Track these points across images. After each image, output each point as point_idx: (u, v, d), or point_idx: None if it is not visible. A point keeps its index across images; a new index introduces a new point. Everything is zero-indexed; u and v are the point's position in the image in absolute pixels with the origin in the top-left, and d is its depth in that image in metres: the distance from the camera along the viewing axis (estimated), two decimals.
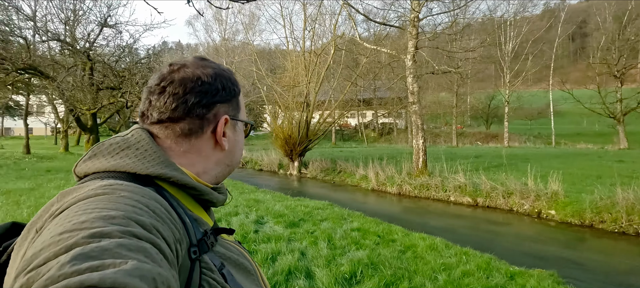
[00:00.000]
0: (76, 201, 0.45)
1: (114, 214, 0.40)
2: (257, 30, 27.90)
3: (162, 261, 0.38)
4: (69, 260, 0.32)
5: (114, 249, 0.34)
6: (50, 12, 12.34)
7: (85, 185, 0.50)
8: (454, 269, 3.79)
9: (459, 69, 14.70)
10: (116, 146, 0.59)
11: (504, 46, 27.02)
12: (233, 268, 0.59)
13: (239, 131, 0.70)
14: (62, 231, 0.37)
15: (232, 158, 0.69)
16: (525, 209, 7.96)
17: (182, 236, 0.50)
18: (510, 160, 14.01)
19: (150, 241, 0.39)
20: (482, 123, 41.38)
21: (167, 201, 0.54)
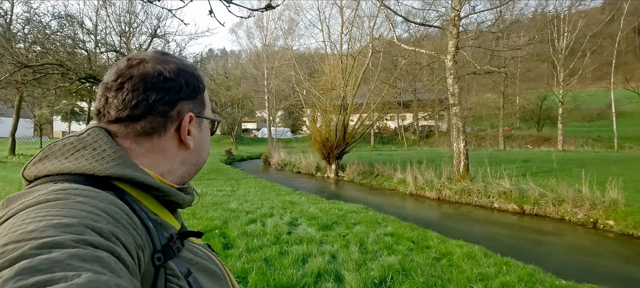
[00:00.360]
0: (24, 208, 0.41)
1: (68, 221, 0.37)
2: (296, 35, 28.44)
3: (121, 270, 0.36)
4: (13, 275, 0.29)
5: (66, 261, 0.32)
6: (108, 25, 13.49)
7: (36, 190, 0.46)
8: (492, 280, 3.59)
9: (504, 68, 13.91)
10: (71, 146, 0.55)
11: (557, 42, 25.14)
12: (201, 273, 0.57)
13: (205, 129, 0.68)
14: (6, 242, 0.33)
15: (198, 156, 0.66)
16: (578, 218, 7.34)
17: (145, 242, 0.48)
18: (564, 165, 13.00)
19: (108, 249, 0.37)
20: (533, 125, 38.74)
21: (129, 205, 0.51)
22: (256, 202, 7.23)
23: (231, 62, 64.01)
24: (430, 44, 16.42)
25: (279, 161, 19.69)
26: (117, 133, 0.58)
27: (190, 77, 0.63)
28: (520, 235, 6.75)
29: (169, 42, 10.83)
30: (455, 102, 10.60)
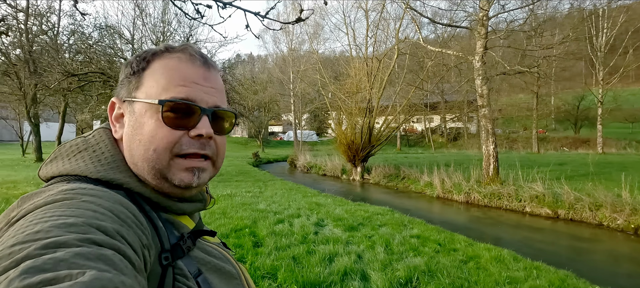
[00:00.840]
0: (34, 208, 0.42)
1: (73, 221, 0.38)
2: (322, 39, 28.73)
3: (126, 268, 0.36)
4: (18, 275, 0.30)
5: (70, 259, 0.32)
6: (144, 35, 14.27)
7: (47, 189, 0.48)
8: (521, 283, 3.54)
9: (536, 68, 13.41)
10: (75, 147, 0.56)
11: (595, 39, 23.86)
12: (212, 273, 0.55)
13: (140, 115, 0.55)
14: (13, 243, 0.34)
15: (140, 145, 0.54)
16: (618, 224, 6.99)
17: (150, 242, 0.47)
18: (603, 168, 12.34)
19: (113, 247, 0.37)
20: (570, 126, 36.86)
21: (138, 205, 0.52)
22: (283, 203, 7.41)
23: (258, 66, 65.36)
24: (457, 44, 16.12)
25: (305, 164, 19.92)
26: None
27: (131, 59, 0.60)
28: (553, 240, 6.52)
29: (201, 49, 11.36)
30: (484, 104, 10.37)
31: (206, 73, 0.59)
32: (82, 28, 14.17)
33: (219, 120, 0.60)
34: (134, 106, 0.56)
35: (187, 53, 0.58)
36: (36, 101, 14.48)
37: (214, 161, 0.60)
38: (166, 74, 0.56)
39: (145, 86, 0.56)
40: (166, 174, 0.54)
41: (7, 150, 25.12)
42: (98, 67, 9.38)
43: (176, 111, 0.54)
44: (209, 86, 0.59)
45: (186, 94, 0.55)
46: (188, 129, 0.55)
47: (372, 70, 14.56)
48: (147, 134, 0.54)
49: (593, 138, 27.23)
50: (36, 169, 12.00)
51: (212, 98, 0.58)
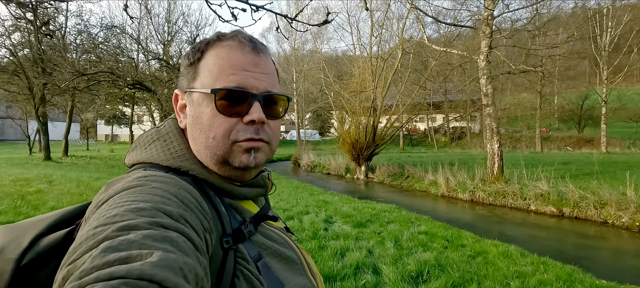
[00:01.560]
0: (114, 194, 0.48)
1: (143, 206, 0.42)
2: (325, 38, 28.78)
3: (189, 249, 0.39)
4: (99, 253, 0.34)
5: (140, 241, 0.36)
6: (150, 34, 14.44)
7: (127, 176, 0.54)
8: (529, 277, 3.63)
9: (540, 67, 13.45)
10: (150, 137, 0.62)
11: (599, 38, 23.81)
12: (272, 258, 0.57)
13: (198, 104, 0.59)
14: (96, 225, 0.40)
15: (202, 135, 0.58)
16: (623, 222, 7.05)
17: (212, 226, 0.50)
18: (607, 168, 12.38)
19: (177, 230, 0.40)
20: (573, 125, 36.76)
21: (203, 191, 0.56)
22: (291, 201, 7.52)
23: None
24: (461, 44, 16.16)
25: (309, 163, 20.02)
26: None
27: (189, 51, 0.63)
28: (559, 237, 6.60)
29: None
30: (488, 103, 10.43)
31: (256, 59, 0.60)
32: (89, 28, 14.34)
33: (271, 105, 0.61)
34: (193, 96, 0.60)
35: (237, 40, 0.60)
36: (45, 100, 14.66)
37: (270, 144, 0.62)
38: (218, 64, 0.59)
39: (201, 76, 0.59)
40: (227, 159, 0.58)
41: (14, 149, 25.38)
42: (107, 67, 9.52)
43: (228, 99, 0.57)
44: (259, 71, 0.60)
45: (237, 82, 0.57)
46: (241, 116, 0.57)
47: (376, 69, 14.64)
48: (206, 123, 0.57)
49: (597, 138, 27.20)
50: (45, 168, 12.17)
51: (263, 83, 0.59)
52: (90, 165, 14.86)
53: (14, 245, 0.52)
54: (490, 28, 10.39)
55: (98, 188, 7.94)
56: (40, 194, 6.69)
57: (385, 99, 15.46)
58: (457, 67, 15.31)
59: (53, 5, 8.92)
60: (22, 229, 0.55)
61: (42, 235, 0.54)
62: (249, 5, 1.60)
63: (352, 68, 17.15)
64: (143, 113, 29.57)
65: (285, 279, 0.56)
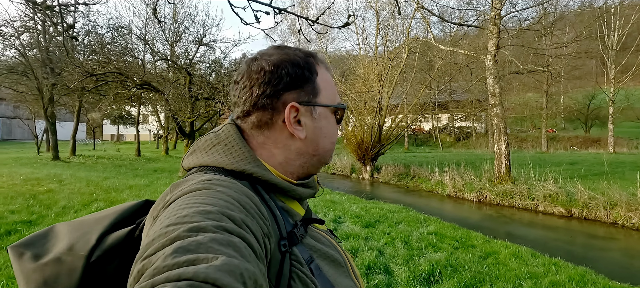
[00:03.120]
0: (182, 194, 0.50)
1: (210, 209, 0.44)
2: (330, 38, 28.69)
3: (250, 255, 0.40)
4: (171, 253, 0.36)
5: (208, 243, 0.38)
6: (156, 35, 14.53)
7: (190, 179, 0.55)
8: (542, 278, 3.62)
9: (549, 66, 13.37)
10: (209, 142, 0.64)
11: (607, 37, 23.60)
12: (322, 260, 0.59)
13: (322, 117, 0.66)
14: (168, 223, 0.42)
15: (315, 146, 0.65)
16: (633, 223, 7.00)
17: (271, 230, 0.52)
18: (616, 168, 12.28)
19: (240, 235, 0.42)
20: (580, 125, 36.48)
21: (260, 195, 0.57)
22: None
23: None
24: (467, 43, 16.10)
25: None
26: (243, 127, 0.65)
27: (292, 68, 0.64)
28: (568, 238, 6.56)
29: (214, 49, 11.53)
30: (496, 103, 10.39)
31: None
32: (96, 28, 14.46)
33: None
34: (317, 109, 0.66)
35: (324, 64, 0.70)
36: (53, 100, 14.80)
37: None
38: (330, 82, 0.69)
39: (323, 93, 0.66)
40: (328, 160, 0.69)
41: (22, 149, 25.65)
42: (116, 68, 9.61)
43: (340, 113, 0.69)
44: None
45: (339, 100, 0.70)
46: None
47: (382, 69, 14.62)
48: (330, 132, 0.67)
49: (604, 138, 26.97)
50: (54, 167, 12.29)
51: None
52: (98, 165, 14.99)
53: (83, 241, 0.56)
54: (498, 27, 10.34)
55: (107, 187, 8.02)
56: (52, 193, 6.77)
57: (391, 99, 15.43)
58: (463, 67, 15.24)
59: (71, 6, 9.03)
60: (88, 226, 0.59)
61: (106, 232, 0.58)
62: (272, 8, 1.62)
63: (357, 68, 17.13)
64: (149, 113, 29.76)
65: (335, 281, 0.58)
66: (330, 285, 0.56)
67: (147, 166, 15.23)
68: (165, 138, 24.53)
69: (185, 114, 10.32)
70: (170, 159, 20.24)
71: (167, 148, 24.09)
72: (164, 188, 8.45)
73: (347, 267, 0.63)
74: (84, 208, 5.74)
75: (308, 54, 0.68)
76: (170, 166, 15.31)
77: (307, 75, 0.65)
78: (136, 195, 7.40)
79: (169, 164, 16.43)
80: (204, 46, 10.93)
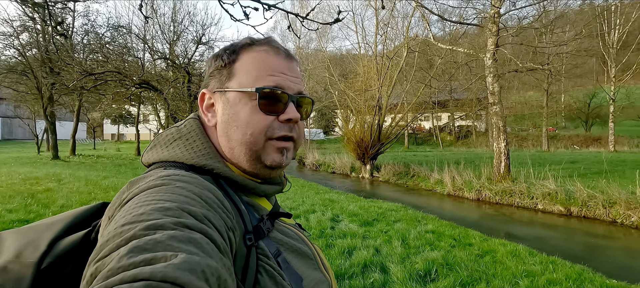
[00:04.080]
0: (139, 192, 0.48)
1: (169, 206, 0.43)
2: (330, 37, 28.71)
3: (213, 251, 0.39)
4: (126, 253, 0.34)
5: (166, 241, 0.36)
6: (156, 33, 14.51)
7: (150, 174, 0.54)
8: (538, 277, 3.61)
9: (549, 65, 13.35)
10: (170, 136, 0.63)
11: (607, 35, 23.55)
12: (290, 253, 0.59)
13: (234, 103, 0.61)
14: (124, 223, 0.40)
15: (227, 136, 0.61)
16: (632, 221, 6.98)
17: (235, 224, 0.51)
18: (616, 167, 12.25)
19: (201, 231, 0.41)
20: (580, 124, 36.43)
21: (223, 189, 0.57)
22: (297, 199, 7.54)
23: None
24: (467, 42, 16.06)
25: (314, 162, 20.03)
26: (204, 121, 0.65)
27: (220, 53, 0.65)
28: (567, 236, 6.55)
29: (213, 48, 11.50)
30: (495, 101, 10.36)
31: (290, 64, 0.65)
32: (95, 28, 14.46)
33: (300, 106, 0.66)
34: (228, 95, 0.62)
35: (270, 46, 0.64)
36: (53, 100, 14.81)
37: (296, 142, 0.65)
38: (256, 66, 0.62)
39: (238, 76, 0.62)
40: (260, 155, 0.60)
41: (22, 148, 25.69)
42: (115, 67, 9.61)
43: (268, 98, 0.60)
44: (292, 75, 0.64)
45: (276, 83, 0.61)
46: (278, 114, 0.61)
47: (382, 68, 14.60)
48: (243, 120, 0.60)
49: (604, 136, 26.91)
50: (53, 167, 12.30)
51: (296, 86, 0.64)
52: (98, 164, 15.00)
53: (31, 248, 0.52)
54: (497, 26, 10.31)
55: (106, 186, 8.02)
56: (50, 193, 6.78)
57: (391, 97, 15.41)
58: (463, 65, 15.22)
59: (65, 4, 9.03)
60: (37, 231, 0.56)
61: (58, 237, 0.55)
62: (261, 5, 1.61)
63: (357, 67, 17.12)
64: (149, 112, 29.78)
65: (303, 274, 0.57)
66: (298, 278, 0.55)
67: None
68: None
69: (184, 114, 10.32)
70: None
71: None
72: None
73: (316, 259, 0.63)
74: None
75: (244, 41, 0.65)
76: None
77: (226, 60, 0.64)
78: None
79: None
80: (203, 45, 10.93)
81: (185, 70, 10.19)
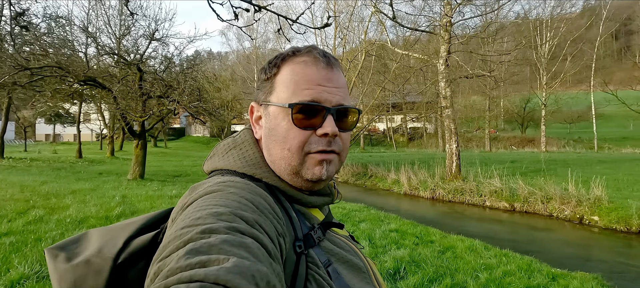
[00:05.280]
0: (197, 197, 0.51)
1: (222, 210, 0.44)
2: (288, 38, 28.48)
3: (263, 256, 0.40)
4: (184, 254, 0.37)
5: (219, 245, 0.38)
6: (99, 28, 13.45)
7: (208, 181, 0.58)
8: (495, 269, 3.90)
9: (493, 72, 14.48)
10: (226, 146, 0.67)
11: (540, 47, 26.11)
12: (341, 265, 0.58)
13: (273, 117, 0.62)
14: (183, 226, 0.43)
15: (268, 150, 0.63)
16: (565, 214, 7.78)
17: (286, 230, 0.52)
18: (549, 165, 13.58)
19: (252, 236, 0.42)
20: (517, 126, 39.96)
21: (275, 196, 0.58)
22: None
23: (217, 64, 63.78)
24: (420, 48, 16.89)
25: None
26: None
27: (265, 65, 0.67)
28: (514, 230, 7.14)
29: (167, 45, 10.91)
30: (447, 105, 11.00)
31: (329, 74, 0.62)
32: (30, 18, 13.03)
33: (343, 117, 0.63)
34: (269, 109, 0.63)
35: (311, 56, 0.63)
36: None
37: (340, 155, 0.63)
38: (293, 79, 0.61)
39: (277, 90, 0.62)
40: (299, 170, 0.60)
41: None
42: (55, 61, 8.73)
43: (304, 112, 0.59)
44: (332, 86, 0.62)
45: (311, 96, 0.60)
46: (315, 128, 0.60)
47: (341, 70, 14.84)
48: (281, 135, 0.60)
49: (537, 137, 29.75)
50: None
51: (335, 97, 0.61)
52: (32, 168, 13.55)
53: (110, 245, 0.57)
54: (449, 34, 10.97)
55: (46, 193, 7.28)
56: None
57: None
58: (417, 70, 15.97)
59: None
60: (116, 231, 0.61)
61: (133, 237, 0.59)
62: (252, 5, 1.56)
63: None
64: (92, 112, 27.51)
65: (354, 286, 0.56)
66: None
67: (91, 169, 14.07)
68: (111, 138, 22.83)
69: (135, 113, 9.67)
70: (116, 161, 18.88)
71: (112, 149, 22.43)
72: (113, 192, 7.86)
73: (369, 273, 0.62)
74: (19, 217, 5.16)
75: (287, 52, 0.65)
76: (118, 169, 14.27)
77: (268, 73, 0.65)
78: (81, 200, 6.79)
79: (116, 166, 15.31)
80: (156, 41, 10.33)
81: (137, 67, 9.55)
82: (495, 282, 3.55)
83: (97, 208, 5.97)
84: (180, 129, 51.54)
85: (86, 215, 5.52)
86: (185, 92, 9.09)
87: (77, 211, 5.73)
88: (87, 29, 12.48)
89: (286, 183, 0.62)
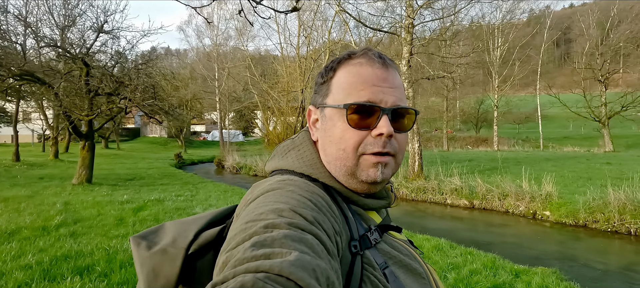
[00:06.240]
0: (260, 194, 0.54)
1: (282, 207, 0.46)
2: (250, 36, 27.78)
3: (322, 252, 0.41)
4: (249, 246, 0.38)
5: (281, 239, 0.39)
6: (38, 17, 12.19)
7: (269, 179, 0.61)
8: (462, 268, 3.91)
9: (453, 73, 15.05)
10: (286, 147, 0.69)
11: (492, 51, 27.67)
12: (398, 268, 0.58)
13: (328, 119, 0.64)
14: (247, 220, 0.45)
15: (324, 151, 0.64)
16: (520, 210, 8.17)
17: (342, 229, 0.53)
18: (503, 164, 14.31)
19: (312, 232, 0.43)
20: (472, 127, 42.10)
21: (332, 196, 0.59)
22: (221, 205, 7.02)
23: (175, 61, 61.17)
24: (381, 49, 17.17)
25: (234, 165, 19.18)
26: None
27: (322, 70, 0.69)
28: (474, 227, 7.36)
29: (118, 38, 10.07)
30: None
31: (385, 74, 0.62)
32: None
33: (399, 118, 0.62)
34: (325, 111, 0.64)
35: (366, 57, 0.63)
36: None
37: (396, 157, 0.63)
38: (349, 80, 0.62)
39: (333, 93, 0.64)
40: (355, 171, 0.60)
41: None
42: None
43: (359, 113, 0.60)
44: (387, 86, 0.62)
45: (367, 96, 0.60)
46: (370, 129, 0.60)
47: (306, 70, 14.70)
48: (336, 136, 0.61)
49: (490, 137, 31.51)
50: None
51: (391, 98, 0.61)
52: None
53: (183, 236, 0.60)
54: (411, 36, 11.18)
55: None
56: None
57: None
58: None
59: None
60: (188, 224, 0.63)
61: (202, 230, 0.61)
62: None
63: (278, 67, 16.94)
64: (32, 110, 25.11)
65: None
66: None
67: (30, 173, 12.72)
68: (55, 140, 20.91)
69: (81, 112, 8.83)
70: (61, 164, 17.27)
71: (56, 151, 20.55)
72: (54, 198, 7.09)
73: (428, 279, 0.61)
74: None
75: (343, 55, 0.66)
76: (62, 173, 13.02)
77: (325, 77, 0.66)
78: (15, 208, 6.03)
79: (61, 170, 13.96)
80: (105, 33, 9.49)
81: (83, 61, 8.71)
82: (463, 282, 3.54)
83: (32, 218, 5.31)
84: (134, 129, 48.52)
85: (19, 225, 4.87)
86: (139, 90, 8.43)
87: (8, 221, 5.05)
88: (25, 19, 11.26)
89: (342, 185, 0.62)
